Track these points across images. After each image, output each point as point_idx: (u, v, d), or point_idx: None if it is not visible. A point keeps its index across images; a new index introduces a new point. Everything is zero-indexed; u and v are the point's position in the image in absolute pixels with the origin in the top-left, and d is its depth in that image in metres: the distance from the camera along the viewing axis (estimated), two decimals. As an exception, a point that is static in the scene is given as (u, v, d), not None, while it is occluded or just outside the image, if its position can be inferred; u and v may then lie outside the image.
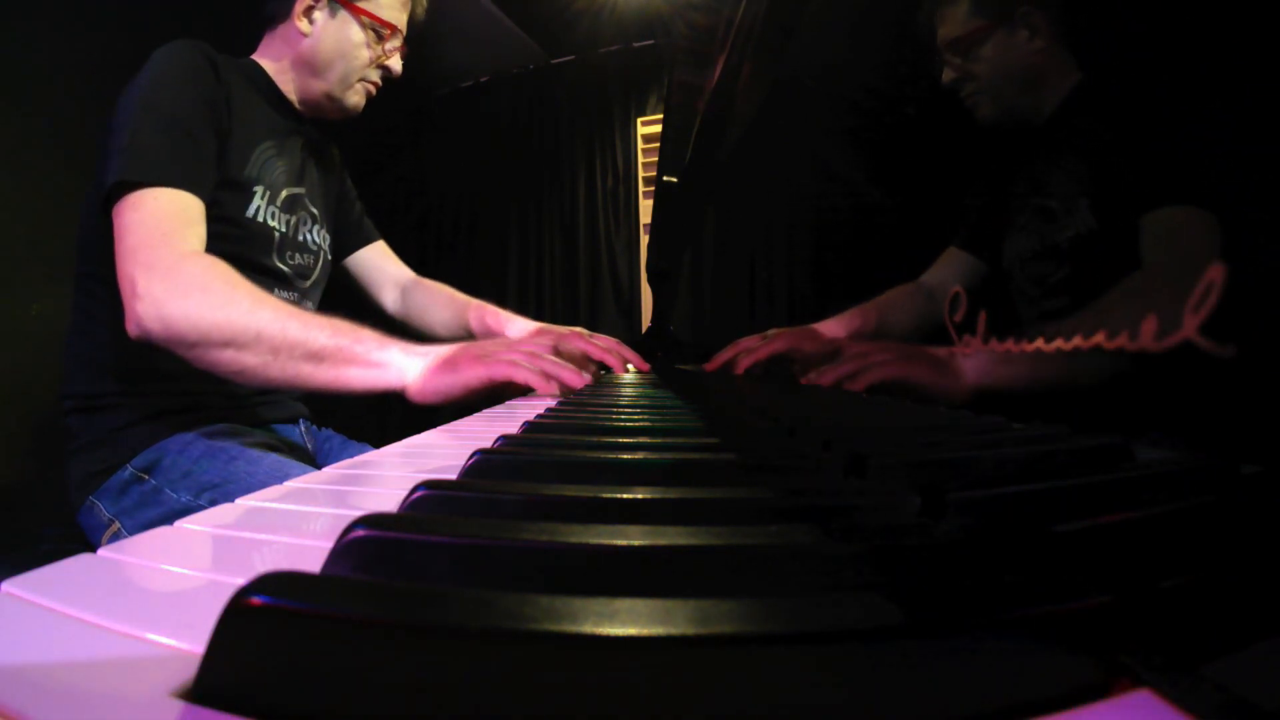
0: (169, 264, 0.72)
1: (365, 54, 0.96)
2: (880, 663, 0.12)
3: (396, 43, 0.99)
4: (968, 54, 0.97)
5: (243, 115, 0.89)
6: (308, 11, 0.94)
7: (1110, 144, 0.82)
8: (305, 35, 0.94)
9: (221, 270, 0.75)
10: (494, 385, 0.75)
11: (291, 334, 0.74)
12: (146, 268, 0.72)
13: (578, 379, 0.78)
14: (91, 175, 0.86)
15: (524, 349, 0.77)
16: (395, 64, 1.00)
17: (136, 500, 0.81)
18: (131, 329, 0.73)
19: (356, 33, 0.95)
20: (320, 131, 1.07)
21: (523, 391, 0.82)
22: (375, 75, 0.99)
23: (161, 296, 0.71)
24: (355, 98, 0.99)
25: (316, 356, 0.74)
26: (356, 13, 0.94)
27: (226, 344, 0.72)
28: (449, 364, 0.75)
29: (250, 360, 0.73)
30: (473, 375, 0.73)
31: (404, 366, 0.76)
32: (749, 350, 1.00)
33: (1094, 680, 0.13)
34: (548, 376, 0.74)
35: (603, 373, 1.07)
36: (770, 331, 1.03)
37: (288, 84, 0.98)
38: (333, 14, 0.94)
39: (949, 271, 1.14)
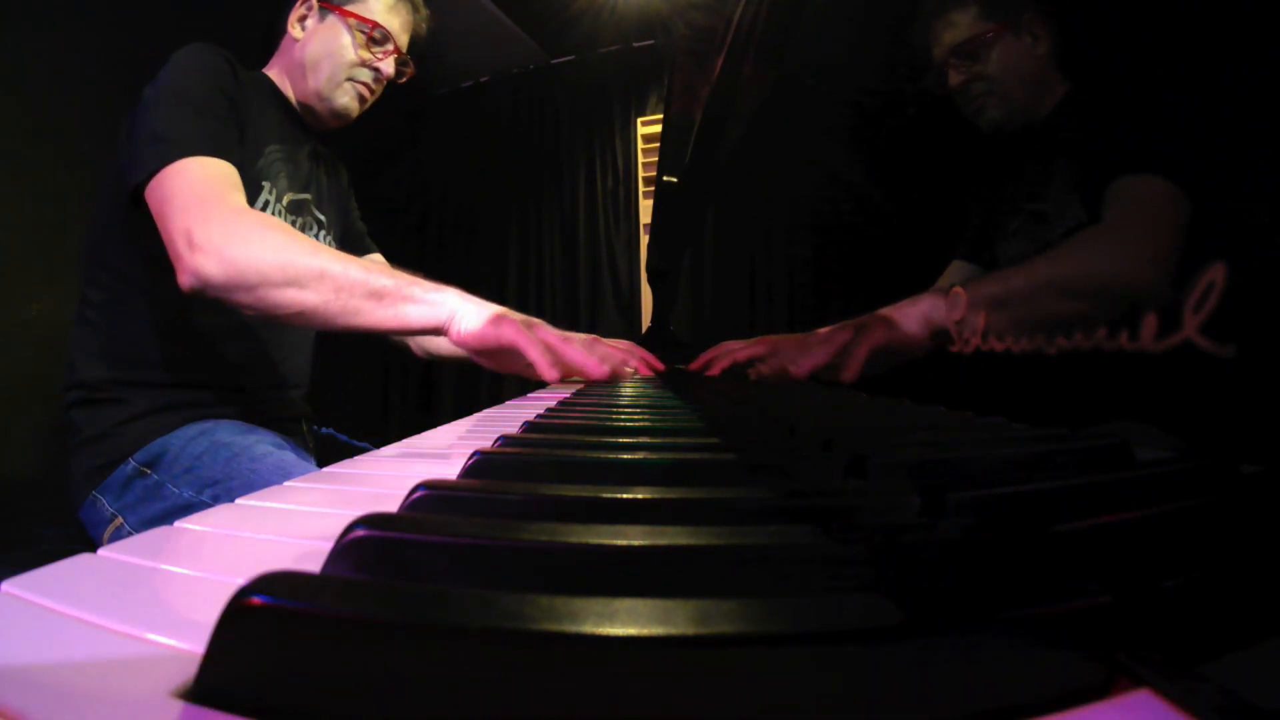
0: (225, 215, 0.75)
1: (350, 54, 0.99)
2: (880, 663, 0.12)
3: (388, 46, 1.01)
4: (976, 56, 0.97)
5: (255, 118, 0.92)
6: (301, 20, 0.99)
7: (1099, 144, 0.82)
8: (297, 40, 0.99)
9: (277, 220, 0.80)
10: (517, 351, 0.77)
11: (354, 274, 0.77)
12: (203, 220, 0.74)
13: (599, 369, 0.81)
14: (93, 175, 0.87)
15: (559, 334, 0.83)
16: (386, 66, 1.02)
17: (139, 495, 0.81)
18: (186, 279, 0.75)
19: (342, 33, 0.98)
20: (328, 148, 1.10)
21: (539, 383, 0.86)
22: (365, 76, 1.00)
23: (222, 242, 0.74)
24: (344, 98, 1.00)
25: (377, 295, 0.78)
26: (343, 15, 0.98)
27: (289, 283, 0.75)
28: (495, 319, 0.78)
29: (312, 299, 0.76)
30: (509, 336, 0.76)
31: (456, 307, 0.80)
32: (729, 352, 1.01)
33: (1094, 680, 0.13)
34: (555, 362, 0.76)
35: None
36: (755, 340, 1.04)
37: (290, 93, 1.02)
38: (321, 18, 0.99)
39: (955, 283, 1.14)
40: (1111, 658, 0.13)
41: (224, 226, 0.74)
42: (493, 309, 0.81)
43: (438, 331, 0.80)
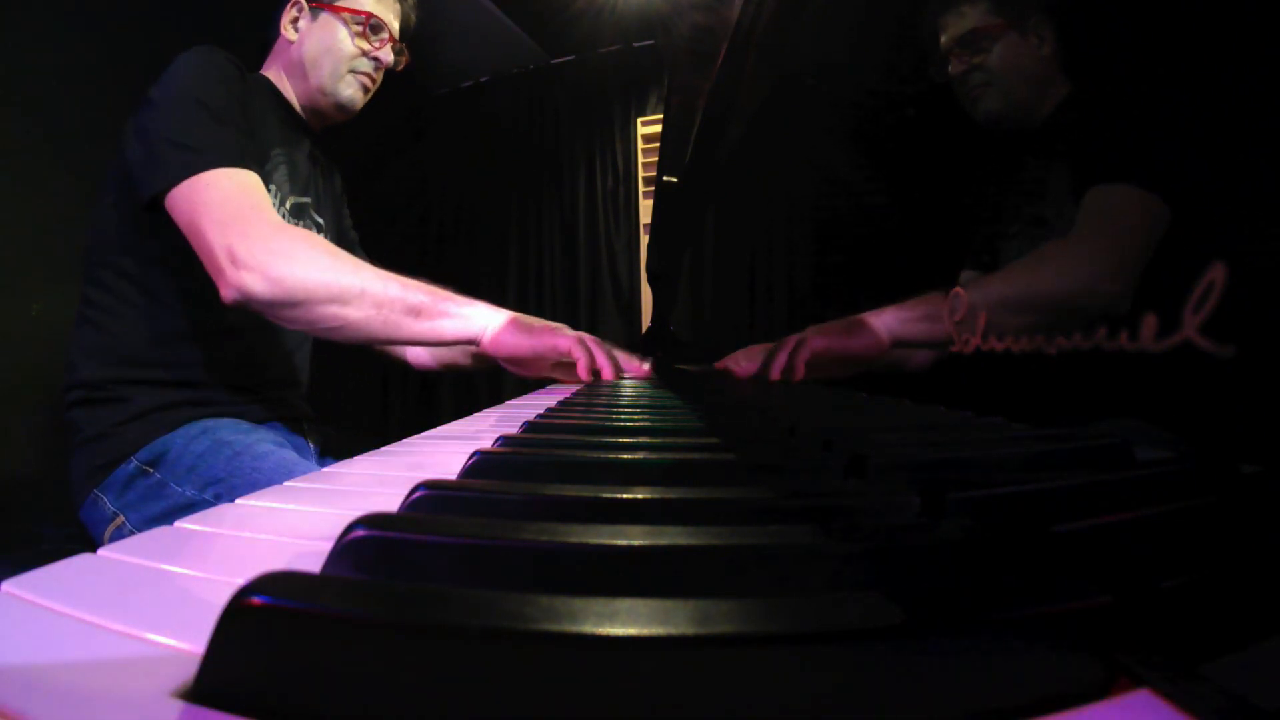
0: (266, 233, 0.78)
1: (349, 46, 1.01)
2: (880, 663, 0.12)
3: (383, 34, 1.03)
4: (978, 47, 0.99)
5: (259, 122, 0.93)
6: (293, 22, 1.01)
7: (1087, 149, 0.84)
8: (292, 42, 1.01)
9: (318, 238, 0.84)
10: (556, 355, 0.86)
11: (392, 291, 0.82)
12: (244, 237, 0.76)
13: (610, 375, 0.88)
14: (93, 175, 0.87)
15: (588, 339, 0.90)
16: (385, 54, 1.04)
17: (141, 494, 0.81)
18: (229, 294, 0.77)
19: (337, 28, 1.01)
20: (324, 152, 1.11)
21: (554, 381, 0.94)
22: (366, 66, 1.03)
23: (267, 260, 0.76)
24: (348, 90, 1.02)
25: (415, 310, 0.83)
26: (334, 11, 1.00)
27: (332, 300, 0.79)
28: (524, 327, 0.86)
29: (353, 315, 0.80)
30: (541, 341, 0.84)
31: (486, 319, 0.86)
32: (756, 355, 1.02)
33: (1094, 680, 0.13)
34: (592, 364, 0.85)
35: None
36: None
37: (290, 94, 1.03)
38: (313, 17, 1.01)
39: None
40: (1111, 658, 0.13)
41: (267, 244, 0.77)
42: (505, 315, 0.87)
43: (470, 343, 0.86)
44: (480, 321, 0.86)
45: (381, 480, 0.36)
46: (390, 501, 0.30)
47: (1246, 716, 0.12)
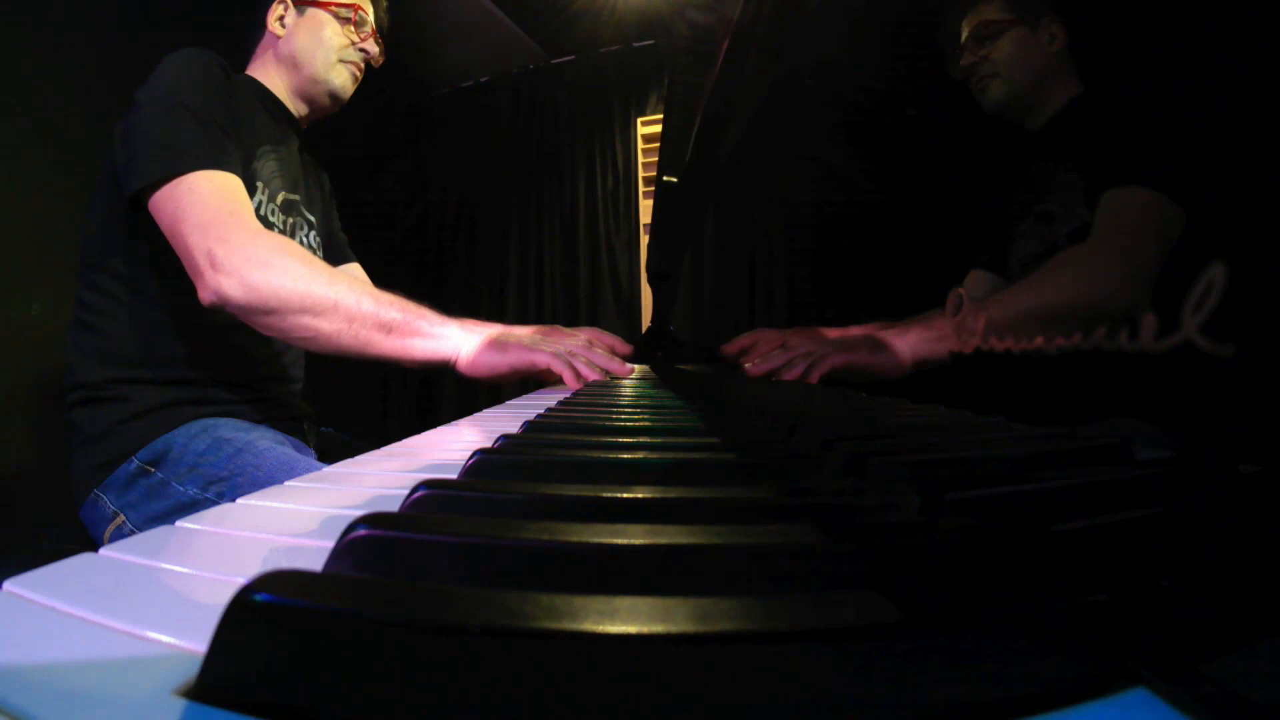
0: (245, 238, 0.78)
1: (339, 37, 1.03)
2: (879, 661, 0.12)
3: (366, 27, 1.06)
4: (987, 39, 1.02)
5: (246, 120, 0.94)
6: (280, 19, 1.03)
7: (1103, 146, 0.84)
8: (280, 37, 1.03)
9: (295, 247, 0.84)
10: (534, 371, 0.85)
11: (365, 306, 0.82)
12: (223, 241, 0.77)
13: (596, 378, 0.86)
14: (92, 176, 0.87)
15: (567, 345, 0.88)
16: (371, 46, 1.06)
17: (143, 493, 0.81)
18: (206, 296, 0.78)
19: (326, 22, 1.03)
20: (314, 155, 1.13)
21: (554, 381, 0.93)
22: (354, 56, 1.05)
23: (243, 266, 0.77)
24: (339, 79, 1.04)
25: (386, 327, 0.83)
26: (321, 6, 1.02)
27: (305, 310, 0.79)
28: (499, 345, 0.84)
29: (325, 327, 0.80)
30: (518, 358, 0.83)
31: (460, 341, 0.85)
32: (767, 340, 1.03)
33: (1094, 680, 0.13)
34: (578, 376, 0.83)
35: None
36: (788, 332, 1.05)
37: (279, 90, 1.04)
38: (300, 13, 1.03)
39: (975, 293, 1.16)
40: (1109, 657, 0.13)
41: (245, 251, 0.77)
42: (481, 335, 0.86)
43: (443, 364, 0.85)
44: (453, 343, 0.85)
45: (381, 480, 0.36)
46: (391, 501, 0.30)
47: (1245, 716, 0.12)
